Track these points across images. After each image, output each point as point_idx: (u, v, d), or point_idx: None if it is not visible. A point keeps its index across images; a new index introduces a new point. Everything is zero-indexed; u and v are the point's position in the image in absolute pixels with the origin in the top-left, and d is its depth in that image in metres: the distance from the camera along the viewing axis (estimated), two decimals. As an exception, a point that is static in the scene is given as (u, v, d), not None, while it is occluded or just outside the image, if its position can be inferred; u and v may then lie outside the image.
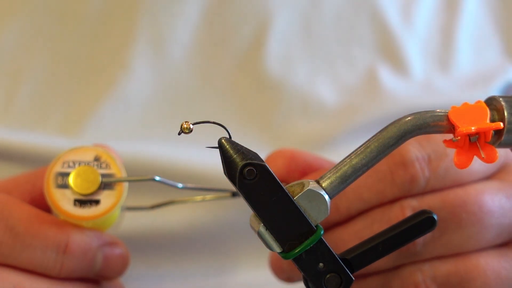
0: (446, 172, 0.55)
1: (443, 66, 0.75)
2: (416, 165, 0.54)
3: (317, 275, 0.47)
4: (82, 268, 0.55)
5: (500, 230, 0.55)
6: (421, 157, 0.54)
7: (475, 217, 0.54)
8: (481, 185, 0.56)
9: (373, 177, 0.55)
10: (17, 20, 0.71)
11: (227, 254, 0.69)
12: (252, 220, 0.47)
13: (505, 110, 0.47)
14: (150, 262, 0.69)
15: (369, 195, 0.55)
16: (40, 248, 0.54)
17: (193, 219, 0.68)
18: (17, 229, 0.54)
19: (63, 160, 0.55)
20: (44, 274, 0.54)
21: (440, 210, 0.54)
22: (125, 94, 0.70)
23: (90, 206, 0.54)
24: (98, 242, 0.55)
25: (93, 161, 0.55)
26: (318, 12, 0.73)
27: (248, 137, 0.71)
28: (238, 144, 0.46)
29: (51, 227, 0.54)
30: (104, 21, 0.71)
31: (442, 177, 0.55)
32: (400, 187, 0.54)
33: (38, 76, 0.70)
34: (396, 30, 0.74)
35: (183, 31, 0.71)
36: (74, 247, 0.54)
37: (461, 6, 0.76)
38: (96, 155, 0.55)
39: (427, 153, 0.55)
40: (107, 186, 0.55)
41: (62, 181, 0.54)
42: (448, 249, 0.55)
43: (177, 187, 0.58)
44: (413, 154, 0.54)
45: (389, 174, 0.55)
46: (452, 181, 0.55)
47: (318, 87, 0.72)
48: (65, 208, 0.54)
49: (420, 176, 0.54)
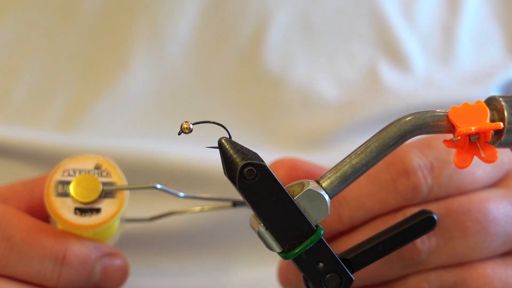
0: (449, 179, 0.54)
1: (444, 62, 0.74)
2: (418, 173, 0.54)
3: (317, 275, 0.47)
4: (81, 279, 0.54)
5: (505, 238, 0.54)
6: (424, 165, 0.54)
7: (480, 226, 0.54)
8: (486, 193, 0.55)
9: (376, 186, 0.54)
10: (14, 16, 0.70)
11: (227, 252, 0.69)
12: (252, 220, 0.47)
13: (505, 110, 0.47)
14: (150, 260, 0.69)
15: (371, 204, 0.54)
16: (37, 258, 0.53)
17: (193, 218, 0.68)
18: (14, 239, 0.53)
19: (64, 169, 0.54)
20: (41, 285, 0.54)
21: (445, 218, 0.54)
22: (123, 90, 0.70)
23: (91, 214, 0.54)
24: (97, 253, 0.54)
25: (93, 170, 0.55)
26: (318, 8, 0.73)
27: (248, 133, 0.70)
28: (238, 144, 0.46)
29: (49, 237, 0.54)
30: (103, 17, 0.70)
31: (445, 185, 0.54)
32: (403, 196, 0.54)
33: (36, 73, 0.70)
34: (397, 25, 0.74)
35: (182, 28, 0.71)
36: (72, 258, 0.53)
37: (463, 2, 0.76)
38: (97, 163, 0.55)
39: (429, 161, 0.54)
40: (108, 194, 0.54)
41: (63, 189, 0.54)
42: (453, 258, 0.54)
43: (178, 196, 0.57)
44: (416, 162, 0.54)
45: (391, 183, 0.54)
46: (456, 189, 0.55)
47: (318, 83, 0.72)
48: (65, 217, 0.53)
49: (423, 184, 0.54)
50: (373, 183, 0.54)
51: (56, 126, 0.69)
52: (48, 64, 0.70)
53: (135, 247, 0.68)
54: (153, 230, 0.68)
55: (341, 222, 0.55)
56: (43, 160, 0.67)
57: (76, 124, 0.69)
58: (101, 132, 0.69)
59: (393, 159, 0.54)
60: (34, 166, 0.67)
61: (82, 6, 0.71)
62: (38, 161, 0.68)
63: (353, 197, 0.55)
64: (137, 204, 0.62)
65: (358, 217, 0.55)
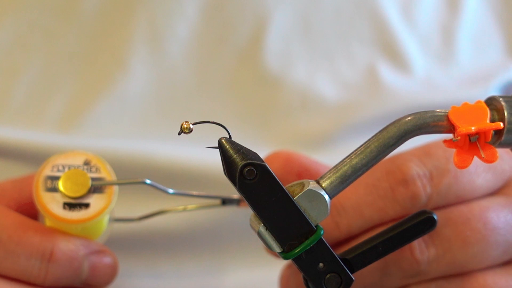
0: (448, 188, 0.54)
1: (444, 63, 0.74)
2: (417, 182, 0.53)
3: (317, 275, 0.47)
4: (68, 277, 0.54)
5: (506, 247, 0.54)
6: (423, 174, 0.53)
7: (480, 235, 0.53)
8: (486, 201, 0.54)
9: (374, 195, 0.54)
10: (13, 17, 0.70)
11: (226, 253, 0.69)
12: (252, 220, 0.47)
13: (505, 110, 0.47)
14: (148, 261, 0.69)
15: (370, 213, 0.54)
16: (24, 255, 0.53)
17: (192, 218, 0.68)
18: (1, 236, 0.53)
19: (53, 164, 0.54)
20: (28, 282, 0.53)
21: (444, 228, 0.53)
22: (122, 91, 0.70)
23: (80, 209, 0.53)
24: (84, 250, 0.54)
25: (83, 165, 0.55)
26: (317, 8, 0.73)
27: (247, 134, 0.70)
28: (238, 144, 0.46)
29: (36, 234, 0.53)
30: (102, 18, 0.70)
31: (444, 194, 0.54)
32: (401, 205, 0.53)
33: (35, 73, 0.70)
34: (397, 26, 0.74)
35: (181, 28, 0.71)
36: (60, 255, 0.53)
37: (463, 2, 0.76)
38: (86, 159, 0.55)
39: (428, 170, 0.54)
40: (97, 189, 0.54)
41: (52, 184, 0.54)
42: (453, 268, 0.54)
43: (167, 192, 0.57)
44: (414, 171, 0.53)
45: (390, 192, 0.54)
46: (456, 198, 0.54)
47: (318, 84, 0.72)
48: (54, 212, 0.53)
49: (421, 193, 0.53)
50: (371, 192, 0.54)
51: (55, 127, 0.69)
52: (47, 65, 0.70)
53: (133, 247, 0.68)
54: (151, 230, 0.68)
55: (339, 230, 0.54)
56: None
57: (75, 125, 0.69)
58: (100, 133, 0.69)
59: (392, 167, 0.54)
60: (33, 166, 0.67)
61: (81, 6, 0.71)
62: (37, 162, 0.67)
63: (351, 205, 0.54)
64: (129, 202, 0.62)
65: (356, 226, 0.54)
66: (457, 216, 0.54)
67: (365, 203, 0.54)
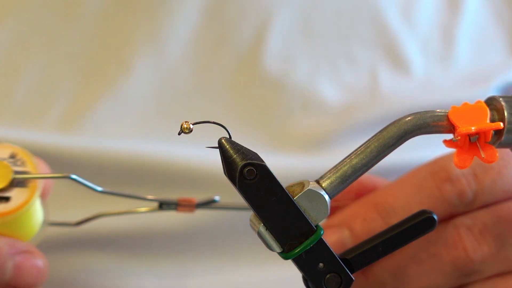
0: (493, 184, 0.54)
1: (444, 64, 0.74)
2: (462, 179, 0.54)
3: (317, 275, 0.47)
4: None
5: None
6: (466, 172, 0.54)
7: None
8: None
9: (421, 194, 0.54)
10: (15, 17, 0.70)
11: (226, 252, 0.69)
12: (252, 220, 0.47)
13: (505, 110, 0.47)
14: (148, 260, 0.69)
15: None
16: None
17: (192, 217, 0.68)
18: None
19: None
20: None
21: (496, 225, 0.53)
22: (123, 91, 0.70)
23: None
24: (9, 250, 0.52)
25: (8, 158, 0.53)
26: (318, 10, 0.73)
27: (248, 135, 0.70)
28: (238, 144, 0.46)
29: None
30: (103, 19, 0.71)
31: (490, 190, 0.54)
32: (449, 202, 0.54)
33: (37, 74, 0.70)
34: (397, 28, 0.74)
35: (182, 29, 0.71)
36: None
37: (463, 3, 0.76)
38: (12, 152, 0.54)
39: (471, 168, 0.54)
40: (20, 183, 0.52)
41: None
42: (508, 266, 0.54)
43: (96, 190, 0.55)
44: (458, 170, 0.54)
45: (436, 190, 0.54)
46: (503, 193, 0.54)
47: (319, 85, 0.72)
48: None
49: (467, 190, 0.54)
50: (419, 192, 0.54)
51: (57, 127, 0.69)
52: (49, 65, 0.70)
53: (133, 247, 0.68)
54: (151, 229, 0.68)
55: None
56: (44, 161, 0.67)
57: (77, 125, 0.69)
58: (102, 133, 0.69)
59: (435, 168, 0.55)
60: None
61: (83, 7, 0.71)
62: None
63: (401, 206, 0.54)
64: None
65: None
66: (507, 213, 0.54)
67: (414, 203, 0.54)
